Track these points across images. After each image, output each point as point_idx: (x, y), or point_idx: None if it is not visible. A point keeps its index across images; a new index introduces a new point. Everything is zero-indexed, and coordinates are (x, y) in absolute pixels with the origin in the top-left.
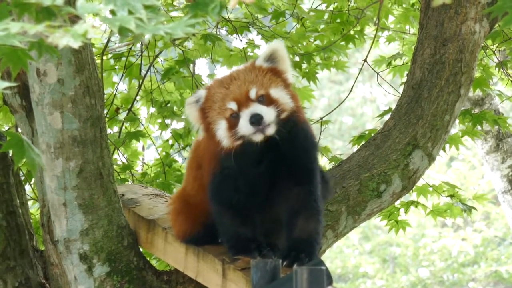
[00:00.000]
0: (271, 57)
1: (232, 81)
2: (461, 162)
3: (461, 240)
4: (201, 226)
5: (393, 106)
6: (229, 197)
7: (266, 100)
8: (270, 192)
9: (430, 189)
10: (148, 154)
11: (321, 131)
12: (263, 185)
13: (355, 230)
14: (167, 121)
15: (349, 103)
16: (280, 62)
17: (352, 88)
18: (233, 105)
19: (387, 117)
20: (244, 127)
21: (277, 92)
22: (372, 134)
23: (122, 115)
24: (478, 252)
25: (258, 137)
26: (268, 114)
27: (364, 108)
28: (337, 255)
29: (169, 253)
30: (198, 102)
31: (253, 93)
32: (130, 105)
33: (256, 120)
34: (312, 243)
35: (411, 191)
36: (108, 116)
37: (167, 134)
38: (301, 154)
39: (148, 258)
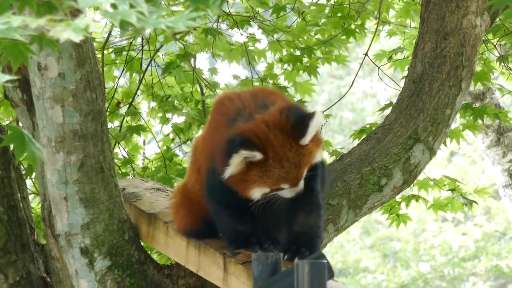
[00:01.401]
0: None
1: (287, 161)
2: (462, 157)
3: (462, 234)
4: (202, 221)
5: (394, 101)
6: (226, 198)
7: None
8: None
9: (431, 183)
10: (149, 148)
11: (322, 125)
12: None
13: (355, 224)
14: (168, 115)
15: (349, 98)
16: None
17: (353, 83)
18: (286, 187)
19: (388, 111)
20: (285, 195)
21: (315, 158)
22: (373, 128)
23: (123, 109)
24: (478, 246)
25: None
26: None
27: (365, 103)
28: (338, 250)
29: (170, 247)
30: (247, 158)
31: (303, 175)
32: (131, 99)
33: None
34: (313, 237)
35: (412, 185)
36: (109, 110)
37: (168, 128)
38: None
39: (149, 252)
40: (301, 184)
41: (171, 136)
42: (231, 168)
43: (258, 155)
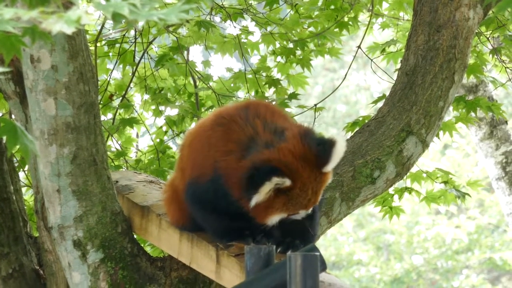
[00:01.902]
0: None
1: (310, 189)
2: (455, 150)
3: (455, 227)
4: (191, 218)
5: (387, 94)
6: (213, 206)
7: None
8: None
9: (424, 175)
10: (142, 141)
11: (315, 118)
12: None
13: (349, 217)
14: (161, 107)
15: (343, 90)
16: None
17: (346, 75)
18: (302, 212)
19: (381, 103)
20: (296, 218)
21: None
22: (366, 121)
23: (116, 102)
24: (472, 239)
25: None
26: None
27: (358, 95)
28: (331, 243)
29: (163, 240)
30: (277, 185)
31: (319, 199)
32: (124, 92)
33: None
34: (307, 230)
35: (405, 177)
36: (102, 102)
37: (161, 121)
38: None
39: (142, 245)
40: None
41: (164, 128)
42: (260, 196)
43: (287, 182)
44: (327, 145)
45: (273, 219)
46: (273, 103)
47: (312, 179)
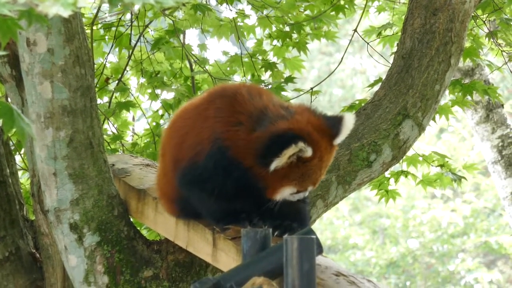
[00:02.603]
0: None
1: (324, 162)
2: (451, 134)
3: (451, 211)
4: (182, 207)
5: (383, 77)
6: (211, 187)
7: None
8: None
9: (420, 159)
10: (138, 125)
11: (311, 102)
12: None
13: (345, 201)
14: (157, 91)
15: (339, 74)
16: None
17: (342, 59)
18: (309, 189)
19: (377, 87)
20: (298, 197)
21: None
22: (363, 104)
23: (112, 85)
24: (467, 223)
25: None
26: None
27: (354, 79)
28: (327, 227)
29: (160, 223)
30: (300, 152)
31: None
32: (120, 75)
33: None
34: (304, 213)
35: (401, 161)
36: (98, 86)
37: (157, 104)
38: None
39: (138, 228)
40: None
41: (160, 112)
42: (281, 160)
43: (309, 152)
44: (337, 118)
45: (284, 192)
46: (269, 86)
47: (328, 152)
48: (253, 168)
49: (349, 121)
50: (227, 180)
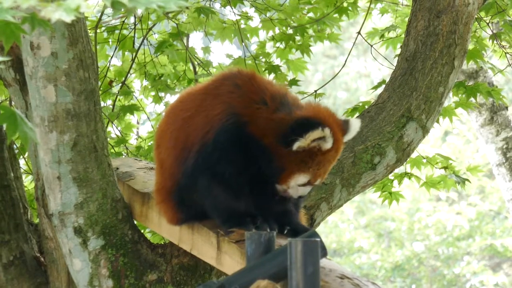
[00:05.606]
0: None
1: (338, 155)
2: (456, 136)
3: (456, 214)
4: (183, 207)
5: (387, 80)
6: (223, 169)
7: None
8: None
9: (424, 161)
10: (143, 128)
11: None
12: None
13: (350, 204)
14: (161, 94)
15: (343, 77)
16: None
17: (346, 61)
18: (317, 182)
19: (381, 89)
20: (302, 193)
21: None
22: (366, 107)
23: (116, 88)
24: (473, 226)
25: None
26: None
27: (359, 82)
28: (332, 230)
29: (164, 226)
30: (323, 139)
31: None
32: (123, 78)
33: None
34: (297, 217)
35: (405, 163)
36: (101, 89)
37: (160, 107)
38: None
39: (142, 231)
40: None
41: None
42: (305, 142)
43: (331, 142)
44: (345, 120)
45: (298, 180)
46: None
47: (342, 145)
48: (272, 146)
49: (356, 124)
50: (238, 156)
